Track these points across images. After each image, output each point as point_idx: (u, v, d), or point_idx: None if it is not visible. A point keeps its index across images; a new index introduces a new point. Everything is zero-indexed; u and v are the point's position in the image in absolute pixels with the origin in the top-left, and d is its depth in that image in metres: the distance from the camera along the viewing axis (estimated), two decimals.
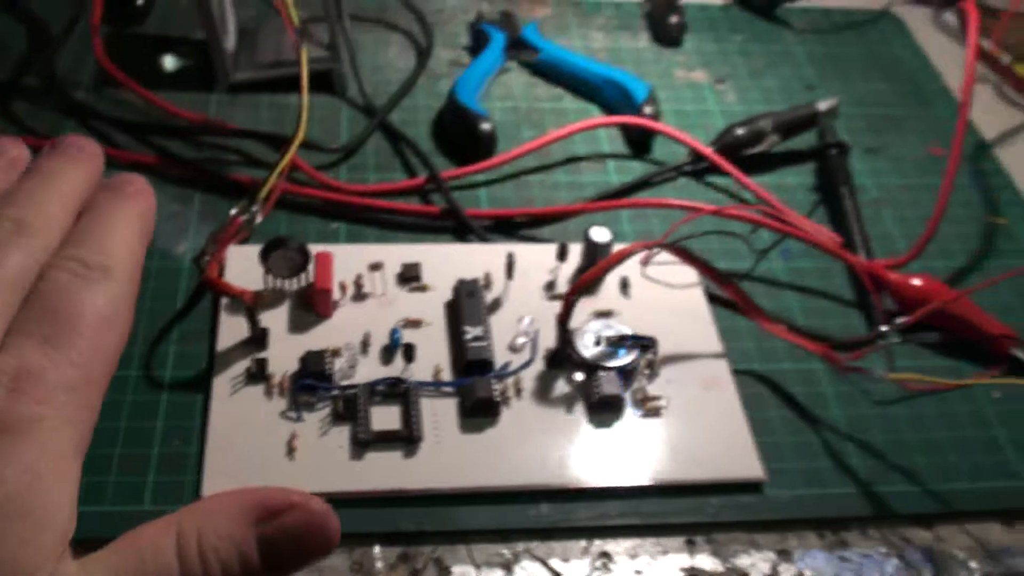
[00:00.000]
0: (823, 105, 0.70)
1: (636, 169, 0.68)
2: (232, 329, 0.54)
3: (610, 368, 0.53)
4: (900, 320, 0.51)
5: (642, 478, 0.50)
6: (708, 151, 0.67)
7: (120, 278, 0.33)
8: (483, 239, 0.61)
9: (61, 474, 0.29)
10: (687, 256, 0.54)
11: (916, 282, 0.59)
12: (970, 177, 0.71)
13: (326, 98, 0.70)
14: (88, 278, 0.31)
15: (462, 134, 0.67)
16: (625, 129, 0.71)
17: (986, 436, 0.55)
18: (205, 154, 0.65)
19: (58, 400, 0.29)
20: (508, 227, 0.63)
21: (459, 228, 0.62)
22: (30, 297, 0.31)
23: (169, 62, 0.72)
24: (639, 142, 0.70)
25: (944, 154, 0.71)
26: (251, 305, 0.52)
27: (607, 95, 0.72)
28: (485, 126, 0.66)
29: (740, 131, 0.68)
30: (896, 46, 0.83)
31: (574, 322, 0.54)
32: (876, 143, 0.73)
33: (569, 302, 0.52)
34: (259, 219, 0.59)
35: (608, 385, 0.52)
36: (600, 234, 0.57)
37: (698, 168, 0.68)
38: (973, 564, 0.50)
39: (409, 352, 0.53)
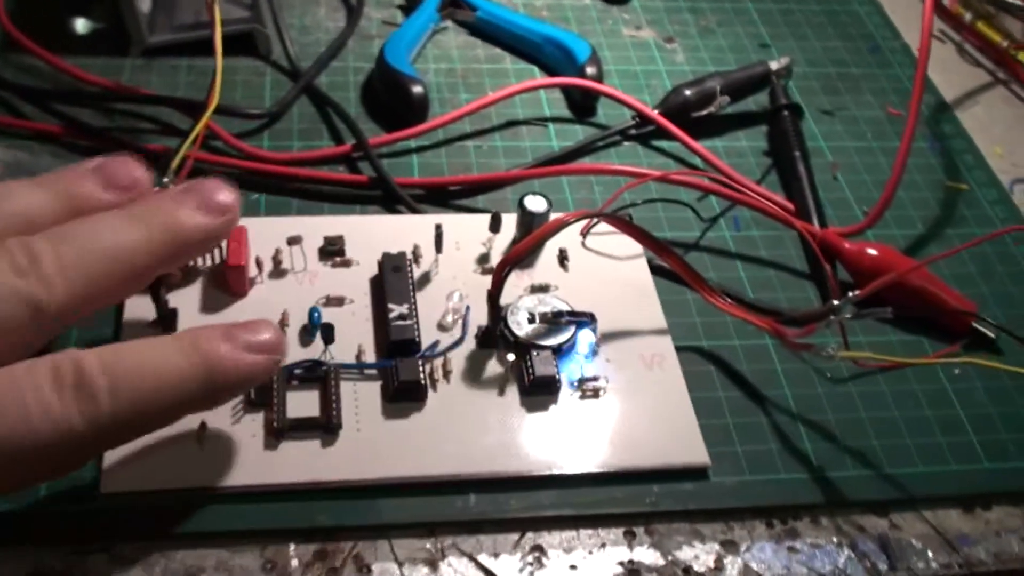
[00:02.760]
0: (775, 64, 0.67)
1: (579, 134, 0.64)
2: (137, 310, 0.50)
3: (545, 347, 0.49)
4: (854, 293, 0.47)
5: (579, 466, 0.47)
6: (654, 114, 0.63)
7: None
8: (413, 209, 0.57)
9: None
10: (625, 226, 0.50)
11: (872, 252, 0.56)
12: (929, 140, 0.68)
13: (248, 61, 0.66)
14: None
15: (393, 98, 0.63)
16: (567, 91, 0.67)
17: (946, 416, 0.52)
18: (117, 123, 0.61)
19: None
20: (441, 196, 0.59)
21: (388, 198, 0.58)
22: None
23: (80, 25, 0.67)
24: (582, 105, 0.66)
25: (902, 116, 0.68)
26: (155, 282, 0.48)
27: (548, 55, 0.68)
28: (417, 89, 0.62)
29: (688, 92, 0.65)
30: (854, 2, 0.79)
31: (508, 298, 0.50)
32: (831, 104, 0.70)
33: (500, 275, 0.48)
34: None
35: (542, 365, 0.49)
36: (536, 203, 0.54)
37: (643, 132, 0.64)
38: (930, 553, 0.47)
39: (328, 333, 0.49)
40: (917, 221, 0.62)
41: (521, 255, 0.49)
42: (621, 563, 0.45)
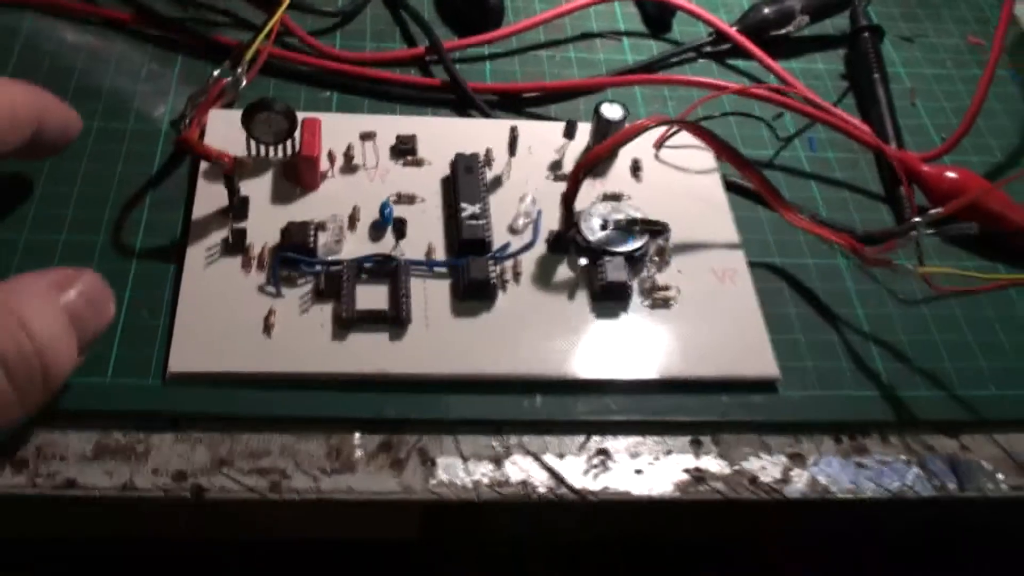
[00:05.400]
0: None
1: (653, 49, 0.63)
2: (209, 197, 0.50)
3: (617, 254, 0.49)
4: (934, 211, 0.46)
5: (647, 372, 0.46)
6: (732, 31, 0.62)
7: None
8: (486, 114, 0.57)
9: None
10: (707, 136, 0.49)
11: (951, 175, 0.55)
12: (1010, 71, 0.66)
13: None
14: None
15: (468, 3, 0.62)
16: (642, 5, 0.66)
17: (1020, 342, 0.51)
18: (190, 14, 0.61)
19: None
20: (514, 103, 0.59)
21: (460, 102, 0.58)
22: None
23: None
24: (658, 20, 0.65)
25: (983, 45, 0.66)
26: (230, 171, 0.48)
27: None
28: None
29: (767, 10, 0.63)
30: None
31: (580, 204, 0.50)
32: (911, 31, 0.68)
33: (575, 179, 0.48)
34: (244, 83, 0.54)
35: (614, 271, 0.48)
36: (612, 111, 0.53)
37: (720, 49, 0.63)
38: (1000, 475, 0.46)
39: (400, 228, 0.49)
40: (996, 149, 0.60)
41: (598, 159, 0.48)
42: (687, 470, 0.45)
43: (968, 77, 0.65)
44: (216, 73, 0.53)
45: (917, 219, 0.47)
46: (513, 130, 0.52)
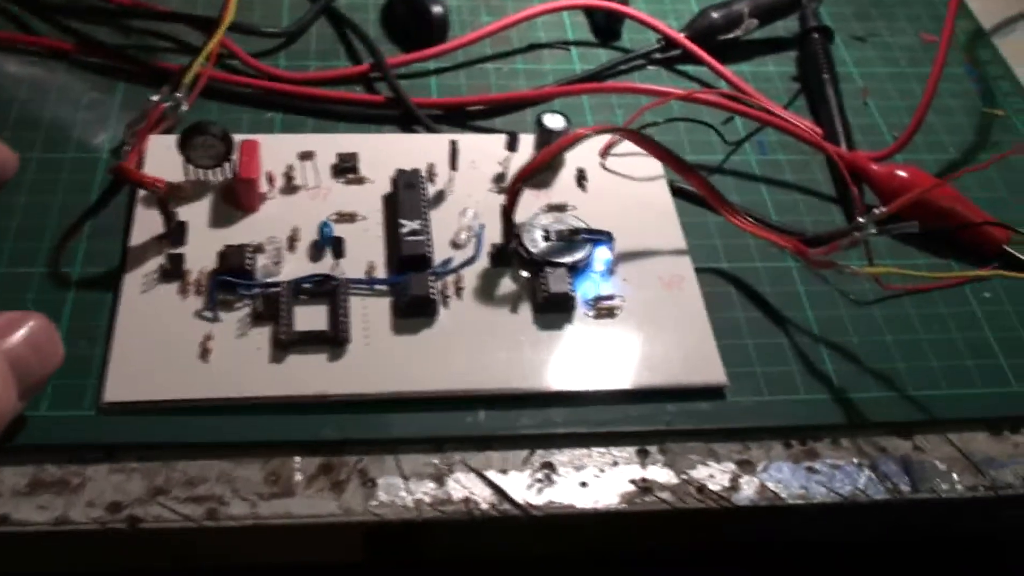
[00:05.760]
0: None
1: (602, 58, 0.63)
2: (147, 223, 0.49)
3: (559, 265, 0.48)
4: (880, 210, 0.45)
5: (591, 383, 0.46)
6: (680, 37, 0.62)
7: None
8: (430, 129, 0.56)
9: None
10: (647, 143, 0.49)
11: (901, 174, 0.54)
12: (966, 67, 0.66)
13: None
14: None
15: (413, 19, 0.62)
16: (591, 14, 0.65)
17: (974, 339, 0.50)
18: (132, 40, 0.60)
19: None
20: (460, 118, 0.58)
21: (405, 118, 0.57)
22: None
23: None
24: (606, 29, 0.65)
25: (937, 42, 0.66)
26: (164, 196, 0.48)
27: None
28: (437, 9, 0.61)
29: (715, 15, 0.63)
30: None
31: (524, 216, 0.49)
32: (864, 30, 0.67)
33: (514, 191, 0.47)
34: (185, 107, 0.53)
35: (556, 283, 0.47)
36: (554, 120, 0.53)
37: (669, 56, 0.63)
38: (955, 476, 0.45)
39: (338, 247, 0.48)
40: (950, 146, 0.60)
41: (536, 169, 0.48)
42: (633, 481, 0.44)
43: (923, 75, 0.64)
44: (155, 98, 0.53)
45: (861, 219, 0.46)
46: (453, 144, 0.51)
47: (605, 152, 0.54)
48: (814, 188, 0.56)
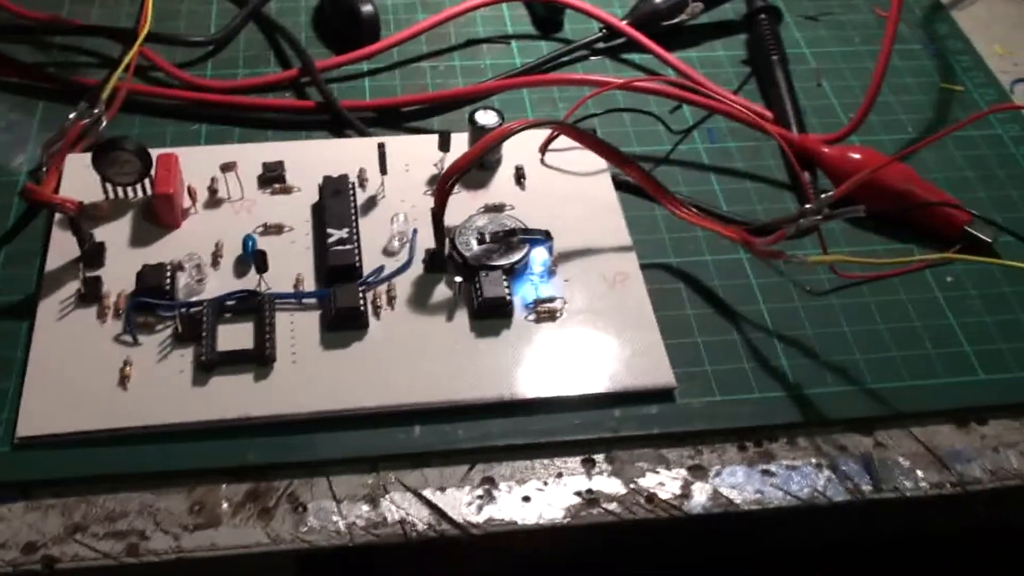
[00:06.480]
0: None
1: (544, 50, 0.61)
2: (63, 246, 0.47)
3: (495, 268, 0.46)
4: (827, 195, 0.43)
5: (532, 391, 0.43)
6: (622, 24, 0.60)
7: None
8: (363, 133, 0.54)
9: None
10: (582, 137, 0.47)
11: (854, 156, 0.52)
12: (924, 42, 0.63)
13: None
14: None
15: (342, 20, 0.60)
16: (530, 6, 0.63)
17: (937, 327, 0.48)
18: (53, 57, 0.58)
19: None
20: (395, 119, 0.56)
21: (336, 123, 0.55)
22: None
23: None
24: (548, 20, 0.62)
25: None
26: (77, 216, 0.45)
27: None
28: (366, 8, 0.58)
29: (659, 1, 0.60)
30: None
31: (460, 218, 0.47)
32: (815, 9, 0.65)
33: (443, 192, 0.45)
34: (104, 123, 0.51)
35: (491, 287, 0.45)
36: (486, 117, 0.50)
37: (612, 45, 0.60)
38: (919, 472, 0.43)
39: (261, 260, 0.46)
40: (908, 125, 0.57)
41: (463, 168, 0.45)
42: (578, 493, 0.41)
43: (878, 53, 0.61)
44: (72, 115, 0.50)
45: (807, 205, 0.44)
46: (381, 147, 0.49)
47: (544, 148, 0.52)
48: (766, 175, 0.54)
